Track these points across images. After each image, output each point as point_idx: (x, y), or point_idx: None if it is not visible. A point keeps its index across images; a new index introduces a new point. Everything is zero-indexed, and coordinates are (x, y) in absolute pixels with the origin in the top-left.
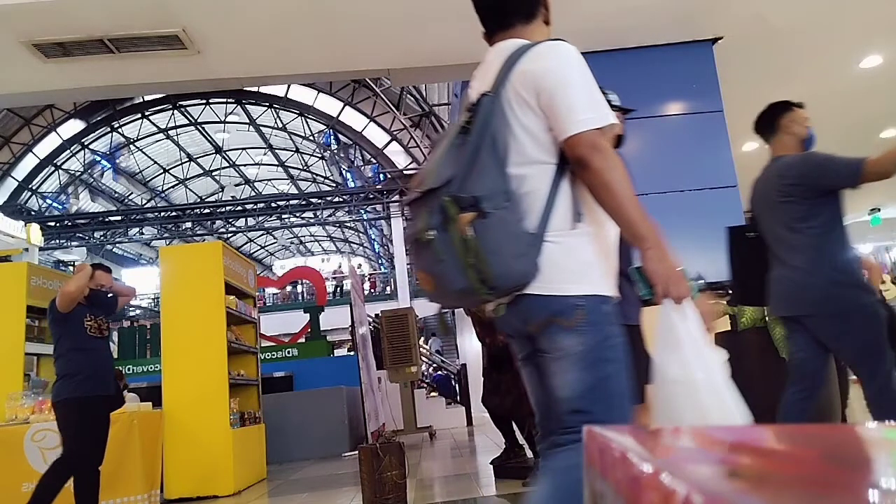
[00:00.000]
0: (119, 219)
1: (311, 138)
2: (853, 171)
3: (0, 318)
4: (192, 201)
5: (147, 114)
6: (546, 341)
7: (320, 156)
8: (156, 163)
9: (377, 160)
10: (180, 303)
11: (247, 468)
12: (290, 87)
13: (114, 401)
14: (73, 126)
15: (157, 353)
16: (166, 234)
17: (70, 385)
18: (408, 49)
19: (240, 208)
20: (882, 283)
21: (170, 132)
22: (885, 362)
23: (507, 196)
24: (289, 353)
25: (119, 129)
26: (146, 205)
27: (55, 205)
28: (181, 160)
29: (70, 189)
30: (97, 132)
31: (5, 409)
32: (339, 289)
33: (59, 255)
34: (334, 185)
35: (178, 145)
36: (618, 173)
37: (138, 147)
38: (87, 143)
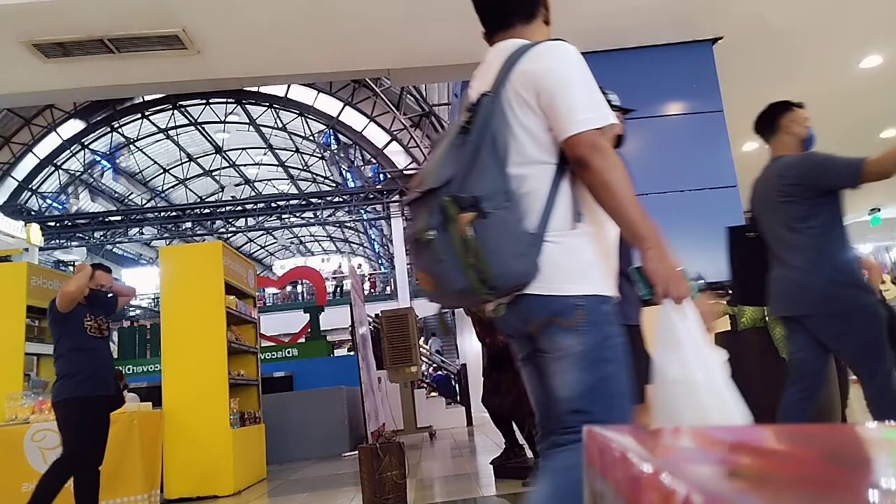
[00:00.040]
0: (119, 219)
1: (311, 138)
2: (853, 171)
3: (0, 318)
4: (192, 201)
5: (147, 114)
6: (546, 341)
7: (320, 156)
8: (156, 163)
9: (377, 160)
10: (180, 303)
11: (247, 468)
12: (290, 87)
13: (114, 401)
14: (73, 126)
15: (157, 353)
16: (166, 234)
17: (70, 385)
18: (408, 49)
19: (240, 208)
20: (882, 283)
21: (170, 132)
22: (885, 362)
23: (507, 196)
24: (289, 353)
25: (119, 129)
26: (146, 205)
27: (55, 205)
28: (181, 160)
29: (70, 189)
30: (97, 132)
31: (5, 409)
32: (339, 289)
33: (59, 255)
34: (334, 185)
35: (178, 145)
36: (618, 173)
37: (138, 147)
38: (87, 143)
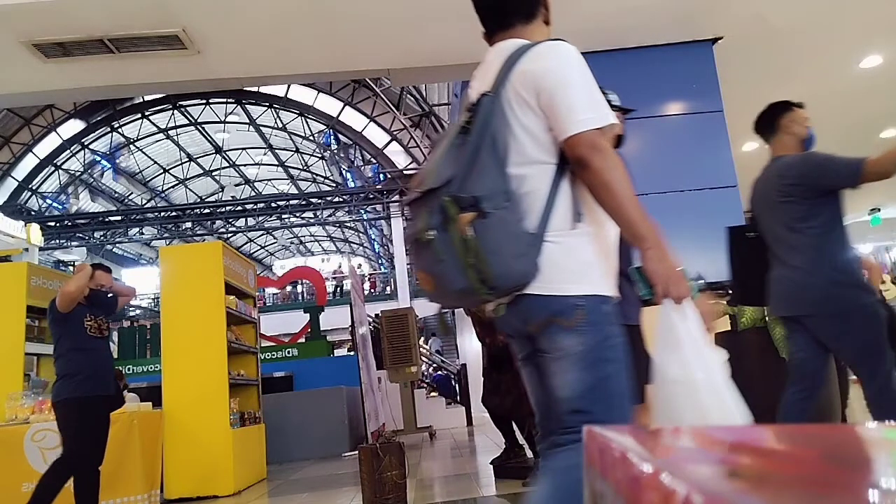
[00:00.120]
0: (119, 219)
1: (311, 138)
2: (853, 171)
3: (0, 318)
4: (192, 201)
5: (147, 114)
6: (546, 341)
7: (320, 156)
8: (156, 163)
9: (377, 160)
10: (180, 303)
11: (247, 468)
12: (290, 87)
13: (114, 401)
14: (73, 126)
15: (157, 353)
16: (166, 234)
17: (70, 385)
18: (408, 49)
19: (240, 208)
20: (882, 283)
21: (170, 132)
22: (885, 362)
23: (507, 196)
24: (289, 353)
25: (119, 129)
26: (146, 205)
27: (55, 205)
28: (181, 160)
29: (70, 189)
30: (97, 132)
31: (5, 409)
32: (339, 289)
33: (59, 255)
34: (334, 185)
35: (178, 145)
36: (618, 173)
37: (138, 147)
38: (87, 143)
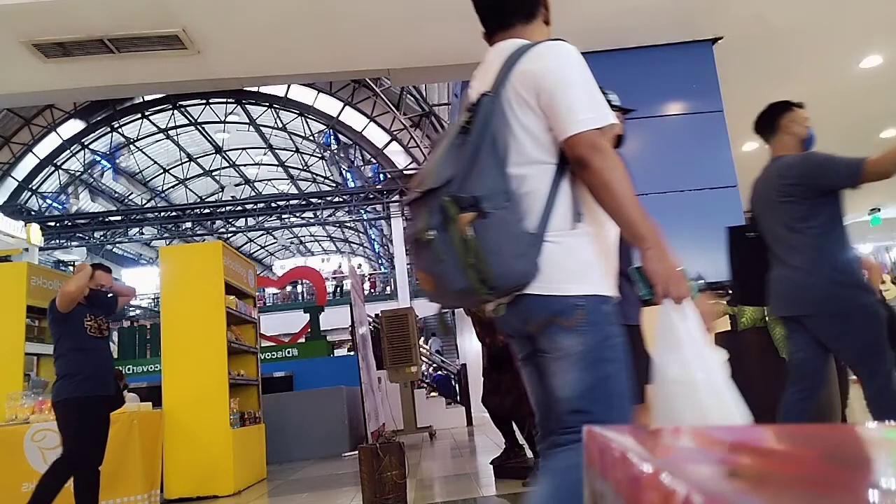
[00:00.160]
0: (119, 219)
1: (311, 138)
2: (853, 171)
3: (0, 318)
4: (192, 201)
5: (147, 114)
6: (546, 341)
7: (320, 156)
8: (156, 163)
9: (377, 160)
10: (180, 303)
11: (247, 468)
12: (290, 87)
13: (114, 401)
14: (73, 126)
15: (157, 353)
16: (166, 234)
17: (70, 385)
18: (408, 49)
19: (240, 208)
20: (882, 283)
21: (170, 132)
22: (885, 362)
23: (507, 196)
24: (289, 353)
25: (119, 129)
26: (146, 205)
27: (55, 205)
28: (181, 160)
29: (70, 189)
30: (97, 132)
31: (5, 409)
32: (339, 289)
33: (59, 255)
34: (334, 185)
35: (178, 145)
36: (618, 173)
37: (138, 147)
38: (87, 143)
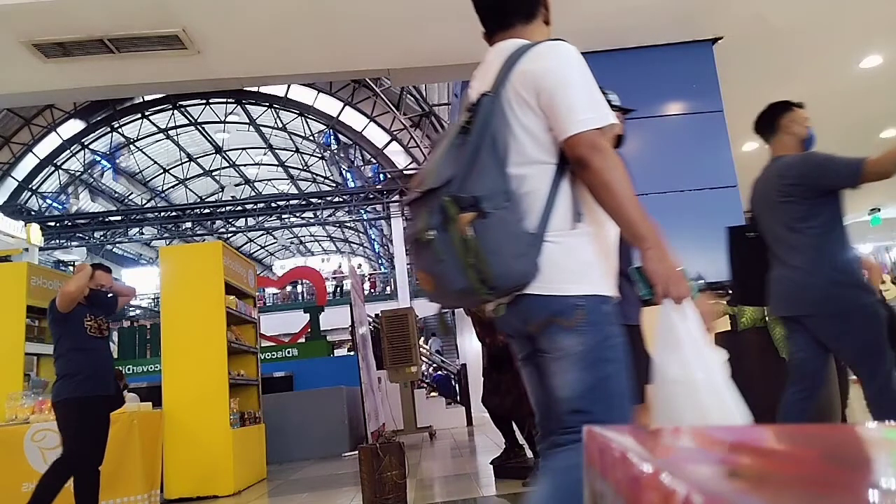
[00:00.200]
0: (119, 219)
1: (311, 138)
2: (853, 171)
3: (0, 318)
4: (192, 201)
5: (147, 114)
6: (546, 341)
7: (320, 156)
8: (156, 163)
9: (377, 160)
10: (180, 303)
11: (247, 468)
12: (290, 87)
13: (114, 401)
14: (73, 126)
15: (157, 353)
16: (166, 234)
17: (70, 385)
18: (408, 49)
19: (240, 208)
20: (882, 283)
21: (170, 132)
22: (885, 362)
23: (507, 196)
24: (289, 353)
25: (119, 129)
26: (146, 205)
27: (55, 205)
28: (181, 160)
29: (70, 189)
30: (97, 132)
31: (5, 409)
32: (339, 289)
33: (59, 255)
34: (334, 185)
35: (178, 145)
36: (618, 173)
37: (138, 147)
38: (87, 143)
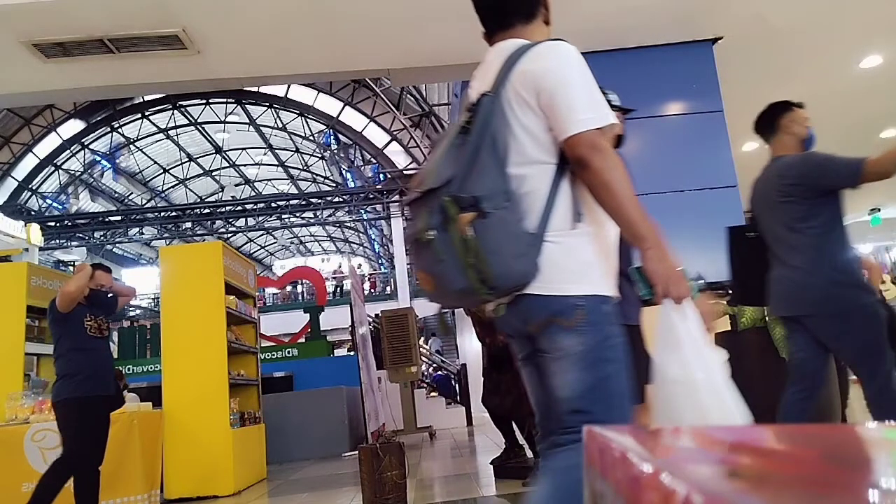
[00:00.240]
0: (119, 219)
1: (311, 138)
2: (853, 171)
3: (0, 318)
4: (192, 201)
5: (147, 114)
6: (546, 341)
7: (320, 156)
8: (156, 163)
9: (377, 160)
10: (180, 303)
11: (247, 468)
12: (290, 87)
13: (114, 401)
14: (73, 126)
15: (157, 353)
16: (166, 234)
17: (70, 385)
18: (408, 49)
19: (240, 208)
20: (882, 283)
21: (170, 132)
22: (885, 362)
23: (507, 196)
24: (289, 353)
25: (119, 129)
26: (146, 205)
27: (55, 205)
28: (181, 160)
29: (70, 189)
30: (97, 132)
31: (5, 409)
32: (339, 289)
33: (59, 255)
34: (334, 185)
35: (178, 145)
36: (618, 173)
37: (138, 147)
38: (87, 143)
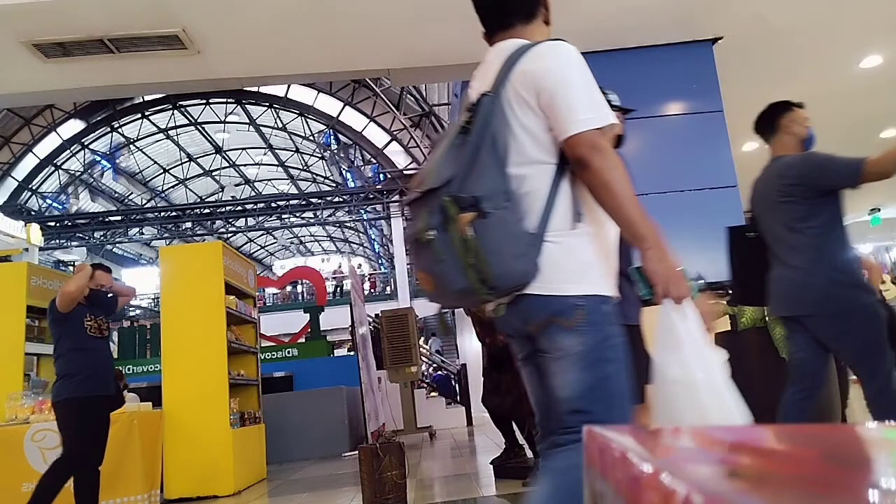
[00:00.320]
0: (119, 219)
1: (311, 138)
2: (853, 170)
3: (0, 318)
4: (192, 201)
5: (147, 114)
6: (546, 341)
7: (320, 156)
8: (156, 163)
9: (377, 160)
10: (180, 303)
11: (247, 468)
12: (290, 87)
13: (114, 401)
14: (73, 126)
15: (157, 353)
16: (166, 234)
17: (70, 385)
18: (408, 49)
19: (240, 208)
20: (882, 283)
21: (170, 132)
22: (885, 362)
23: (507, 196)
24: (289, 353)
25: (119, 129)
26: (146, 205)
27: (55, 205)
28: (181, 160)
29: (70, 189)
30: (97, 132)
31: (5, 409)
32: (339, 289)
33: (59, 255)
34: (334, 185)
35: (178, 145)
36: (617, 173)
37: (138, 147)
38: (87, 143)
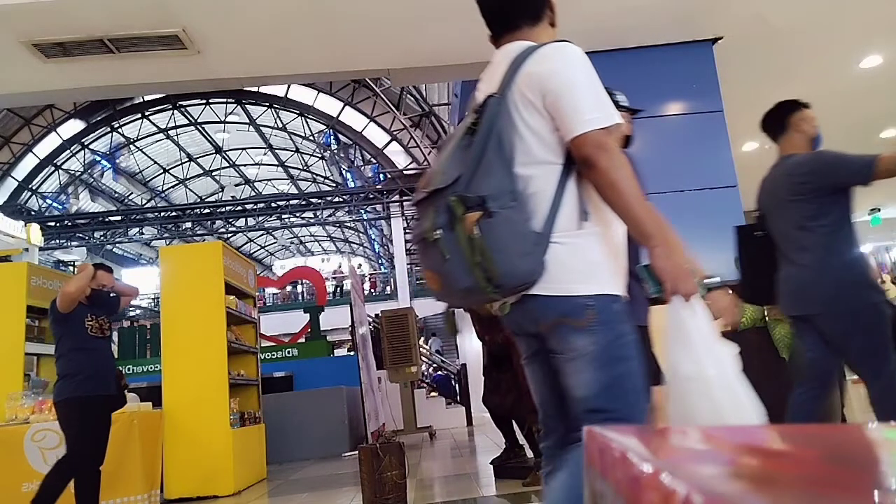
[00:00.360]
0: (119, 219)
1: (311, 138)
2: (866, 167)
3: (0, 318)
4: (192, 201)
5: (147, 114)
6: (557, 342)
7: (320, 156)
8: (156, 163)
9: (377, 160)
10: (180, 303)
11: (247, 468)
12: (290, 87)
13: (115, 400)
14: (73, 126)
15: (157, 353)
16: (166, 234)
17: (71, 385)
18: (408, 49)
19: (240, 208)
20: (882, 283)
21: (170, 132)
22: (889, 362)
23: (514, 196)
24: (289, 353)
25: (119, 129)
26: (146, 205)
27: (55, 205)
28: (181, 160)
29: (70, 189)
30: (97, 132)
31: (5, 409)
32: (339, 289)
33: (59, 255)
34: (334, 185)
35: (178, 145)
36: (624, 172)
37: (138, 147)
38: (87, 143)
